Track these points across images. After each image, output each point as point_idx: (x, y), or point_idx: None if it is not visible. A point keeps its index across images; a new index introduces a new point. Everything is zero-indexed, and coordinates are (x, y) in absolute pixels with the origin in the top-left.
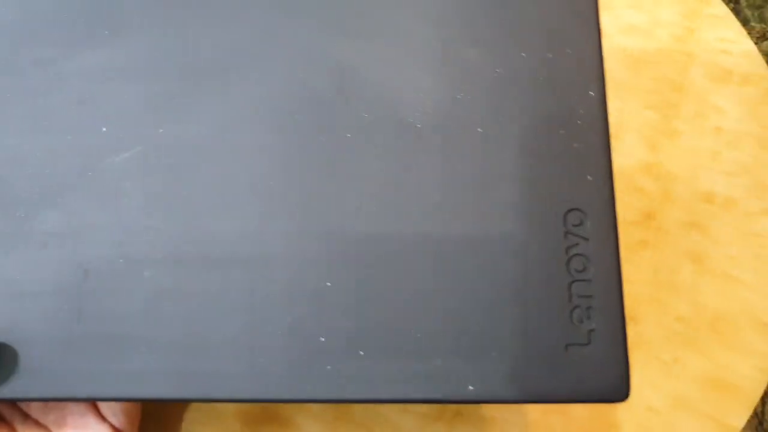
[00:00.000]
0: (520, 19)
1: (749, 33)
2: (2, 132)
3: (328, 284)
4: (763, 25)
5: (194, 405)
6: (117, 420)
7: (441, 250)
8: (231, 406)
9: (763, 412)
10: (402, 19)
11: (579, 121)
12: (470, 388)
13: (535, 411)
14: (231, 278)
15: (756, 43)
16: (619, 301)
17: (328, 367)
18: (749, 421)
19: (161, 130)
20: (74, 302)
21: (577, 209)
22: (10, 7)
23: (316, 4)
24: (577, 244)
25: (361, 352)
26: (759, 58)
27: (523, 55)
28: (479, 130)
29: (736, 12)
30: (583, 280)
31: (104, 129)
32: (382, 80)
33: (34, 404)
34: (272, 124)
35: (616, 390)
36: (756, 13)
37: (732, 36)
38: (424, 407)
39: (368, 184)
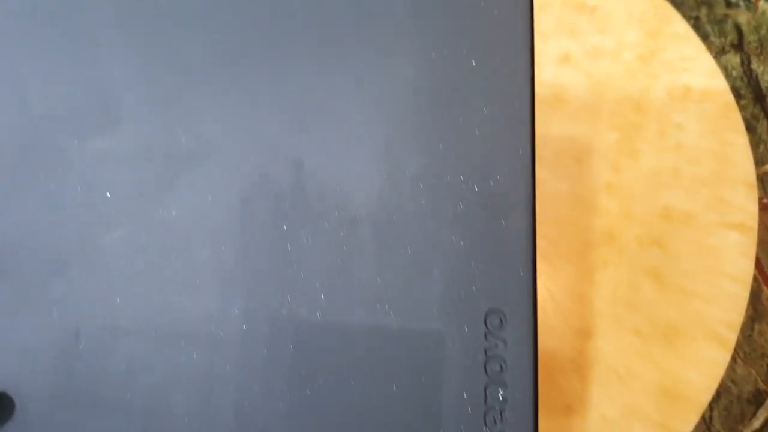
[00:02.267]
0: (461, 124)
1: (709, 48)
2: (19, 210)
3: (274, 365)
4: (722, 40)
5: None
6: None
7: (371, 340)
8: None
9: (710, 417)
10: (357, 118)
11: (504, 221)
12: None
13: None
14: (192, 353)
15: (715, 58)
16: (533, 409)
17: None
18: (697, 427)
19: (146, 213)
20: (67, 362)
21: (498, 310)
22: (35, 97)
23: (285, 100)
24: (496, 345)
25: None
26: (718, 73)
27: (460, 149)
28: (415, 223)
29: (697, 28)
30: (499, 383)
31: (102, 209)
32: (333, 175)
33: None
34: (236, 212)
35: None
36: (716, 28)
37: (692, 53)
38: None
39: (313, 273)
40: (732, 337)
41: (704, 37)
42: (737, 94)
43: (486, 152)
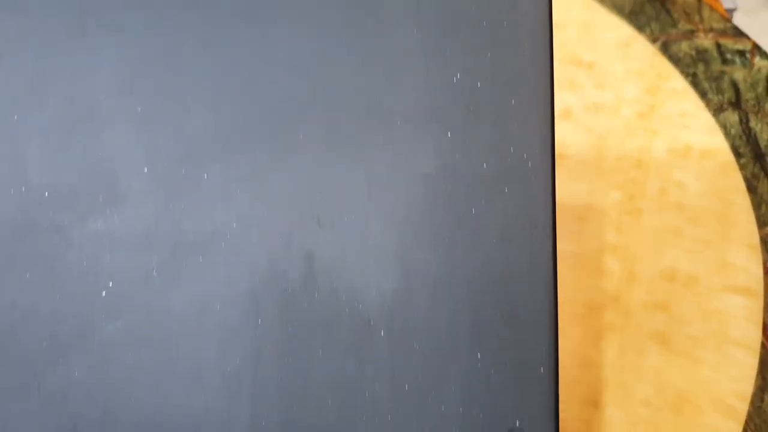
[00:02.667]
0: (477, 224)
1: (707, 105)
2: (19, 292)
3: None
4: (720, 97)
5: None
6: None
7: None
8: None
9: None
10: (371, 215)
11: (525, 334)
12: None
13: None
14: None
15: (714, 115)
16: None
17: None
18: None
19: (149, 303)
20: None
21: (518, 430)
22: (38, 172)
23: (297, 192)
24: None
25: None
26: (717, 130)
27: (478, 256)
28: (429, 331)
29: (695, 84)
30: None
31: (102, 296)
32: (345, 273)
33: None
34: (243, 308)
35: None
36: (713, 85)
37: (691, 109)
38: None
39: (324, 381)
40: (743, 407)
41: (702, 94)
42: (737, 153)
43: (505, 258)
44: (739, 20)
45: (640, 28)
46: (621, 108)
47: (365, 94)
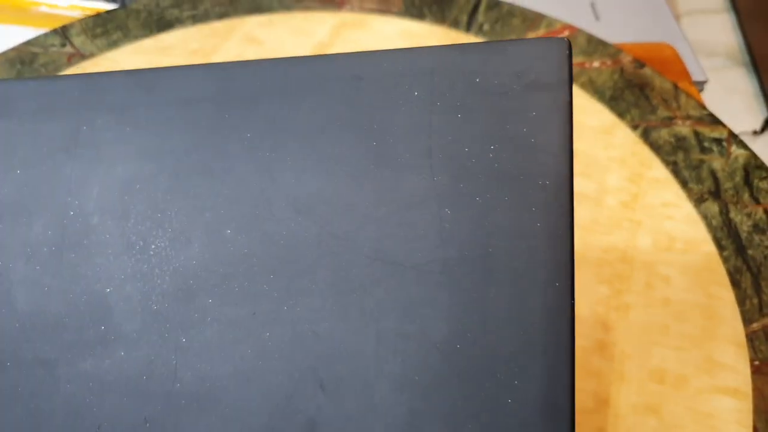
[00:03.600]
0: (490, 400)
1: (688, 195)
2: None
3: None
4: (700, 186)
5: None
6: None
7: None
8: None
9: None
10: (377, 381)
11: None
12: None
13: None
14: None
15: (695, 206)
16: None
17: None
18: None
19: None
20: None
21: None
22: (24, 298)
23: (297, 348)
24: None
25: None
26: (699, 222)
27: None
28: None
29: (675, 173)
30: None
31: None
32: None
33: None
34: None
35: None
36: (693, 174)
37: (673, 199)
38: None
39: None
40: None
41: (683, 183)
42: (719, 245)
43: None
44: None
45: (620, 114)
46: (605, 198)
47: (375, 240)
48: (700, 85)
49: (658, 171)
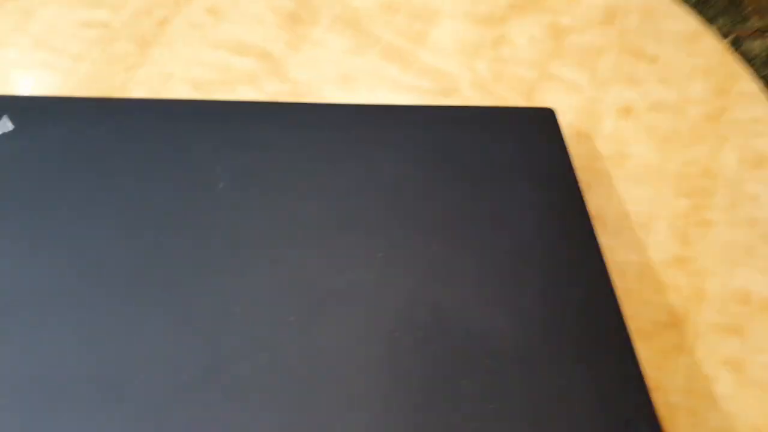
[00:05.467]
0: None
1: None
2: None
3: None
4: None
5: None
6: None
7: None
8: None
9: None
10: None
11: None
12: None
13: None
14: None
15: None
16: None
17: None
18: None
19: None
20: None
21: None
22: None
23: None
24: None
25: None
26: None
27: None
28: None
29: (767, 88)
30: None
31: None
32: None
33: None
34: None
35: None
36: None
37: (763, 116)
38: None
39: None
40: None
41: None
42: None
43: None
44: None
45: (709, 20)
46: (687, 108)
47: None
48: None
49: (747, 85)
